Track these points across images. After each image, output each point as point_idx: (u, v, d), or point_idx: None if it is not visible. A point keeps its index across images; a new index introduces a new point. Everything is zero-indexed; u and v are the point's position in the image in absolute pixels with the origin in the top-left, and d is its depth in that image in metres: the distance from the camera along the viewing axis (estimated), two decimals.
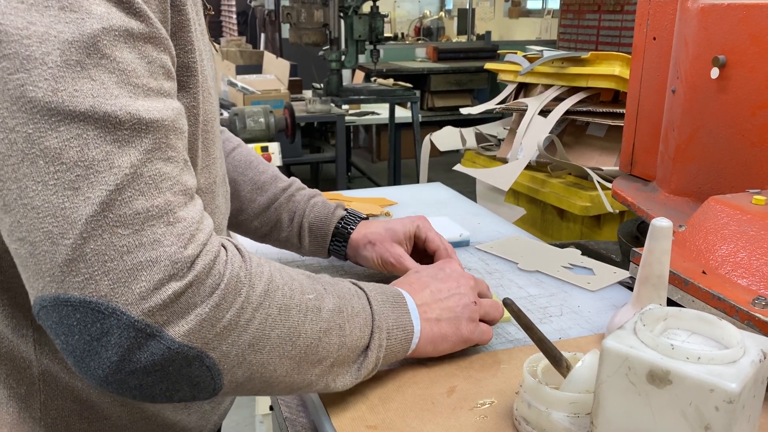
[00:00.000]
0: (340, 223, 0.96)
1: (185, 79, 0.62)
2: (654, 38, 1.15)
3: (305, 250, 0.99)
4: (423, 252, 0.96)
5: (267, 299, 0.57)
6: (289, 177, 1.04)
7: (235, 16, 8.03)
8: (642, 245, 0.72)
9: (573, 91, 1.99)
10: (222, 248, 0.56)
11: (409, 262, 0.91)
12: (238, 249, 0.58)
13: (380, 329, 0.68)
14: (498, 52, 2.62)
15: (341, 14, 3.90)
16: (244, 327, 0.55)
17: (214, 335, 0.53)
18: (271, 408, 1.62)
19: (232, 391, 0.58)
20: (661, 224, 0.66)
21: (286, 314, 0.59)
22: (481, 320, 0.78)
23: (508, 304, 0.66)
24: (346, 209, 0.99)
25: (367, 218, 0.99)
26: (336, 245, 0.97)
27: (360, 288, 0.70)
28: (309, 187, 1.03)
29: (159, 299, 0.50)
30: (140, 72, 0.52)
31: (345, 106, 4.06)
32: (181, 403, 0.73)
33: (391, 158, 4.87)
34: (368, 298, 0.69)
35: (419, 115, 4.42)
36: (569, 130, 2.04)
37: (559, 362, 0.64)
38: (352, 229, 0.96)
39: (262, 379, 0.59)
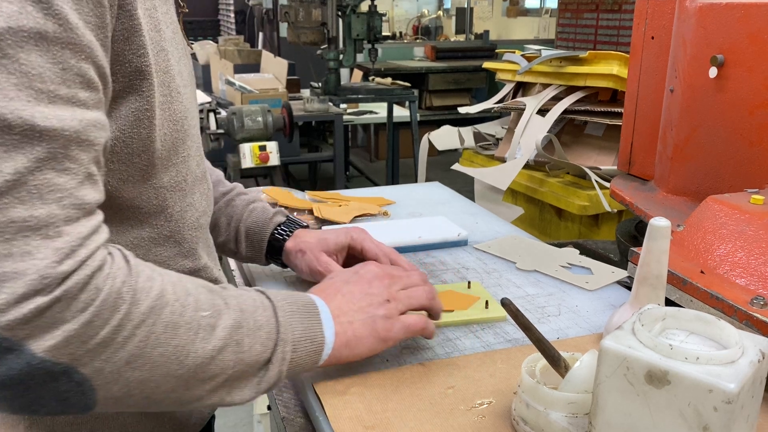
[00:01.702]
0: (276, 230, 0.95)
1: (137, 83, 0.61)
2: (652, 37, 1.15)
3: (242, 256, 0.97)
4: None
5: (152, 316, 0.55)
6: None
7: (233, 15, 8.02)
8: (640, 245, 0.72)
9: (571, 90, 1.99)
10: (108, 261, 0.54)
11: (337, 270, 0.88)
12: (126, 261, 0.56)
13: (285, 342, 0.65)
14: (496, 51, 2.62)
15: (339, 13, 3.90)
16: (121, 344, 0.53)
17: (85, 351, 0.51)
18: (268, 408, 1.62)
19: (110, 406, 0.56)
20: (659, 224, 0.66)
21: (173, 332, 0.56)
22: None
23: (506, 304, 0.66)
24: (287, 216, 0.97)
25: (307, 226, 0.97)
26: (272, 253, 0.95)
27: (268, 299, 0.67)
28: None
29: (19, 313, 0.48)
30: (47, 77, 0.50)
31: (343, 106, 4.06)
32: None
33: (390, 157, 4.87)
34: (275, 310, 0.66)
35: (417, 115, 4.42)
36: (567, 130, 2.04)
37: (557, 362, 0.64)
38: (288, 236, 0.94)
39: (143, 395, 0.56)
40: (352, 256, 0.95)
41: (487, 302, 0.89)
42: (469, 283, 0.96)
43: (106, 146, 0.57)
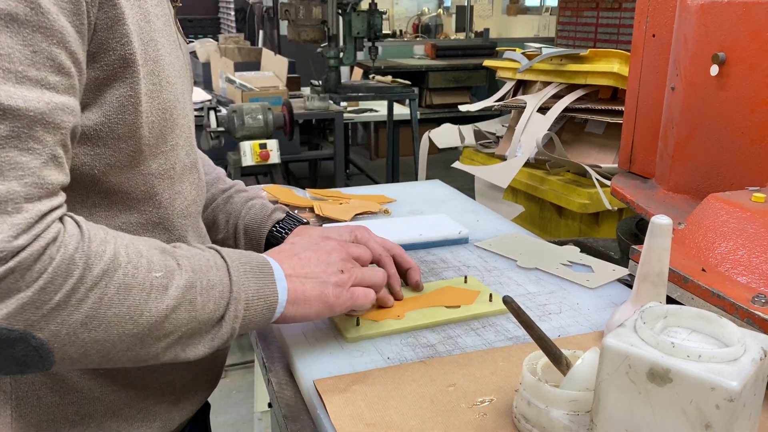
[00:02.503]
0: (275, 227, 0.94)
1: (122, 70, 0.62)
2: (653, 35, 1.15)
3: None
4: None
5: (104, 279, 0.56)
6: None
7: (233, 13, 8.01)
8: (641, 243, 0.72)
9: (572, 88, 1.99)
10: (61, 231, 0.55)
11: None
12: (79, 227, 0.58)
13: (237, 300, 0.67)
14: (496, 49, 2.62)
15: (339, 11, 3.90)
16: (75, 306, 0.54)
17: (40, 317, 0.53)
18: (269, 405, 1.62)
19: (68, 365, 0.58)
20: (661, 222, 0.66)
21: (126, 293, 0.58)
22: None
23: (507, 301, 0.66)
24: (287, 212, 0.96)
25: (307, 223, 0.96)
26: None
27: (222, 258, 0.69)
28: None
29: None
30: (16, 58, 0.52)
31: (343, 104, 4.05)
32: (151, 387, 0.75)
33: (390, 155, 4.86)
34: (228, 269, 0.68)
35: (417, 113, 4.41)
36: (568, 128, 2.04)
37: (558, 360, 0.64)
38: (287, 233, 0.93)
39: (100, 354, 0.59)
40: None
41: (491, 295, 0.90)
42: (465, 277, 0.97)
43: (75, 131, 0.58)
